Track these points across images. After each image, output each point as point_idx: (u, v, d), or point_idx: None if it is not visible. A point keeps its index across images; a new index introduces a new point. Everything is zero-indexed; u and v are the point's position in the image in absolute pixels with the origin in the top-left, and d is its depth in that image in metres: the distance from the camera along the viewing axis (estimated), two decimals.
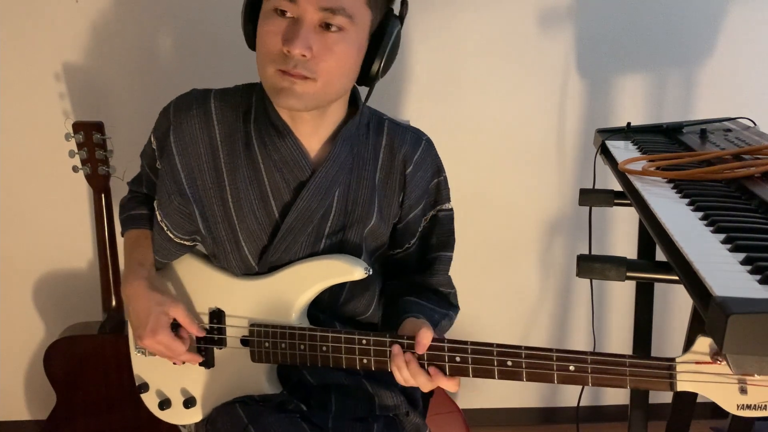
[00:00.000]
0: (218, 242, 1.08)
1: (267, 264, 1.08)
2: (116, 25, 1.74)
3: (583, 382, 0.90)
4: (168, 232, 1.10)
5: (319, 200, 1.05)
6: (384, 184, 1.10)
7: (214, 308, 1.10)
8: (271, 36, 0.94)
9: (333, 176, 1.05)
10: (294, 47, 0.91)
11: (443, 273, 1.17)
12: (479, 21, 1.79)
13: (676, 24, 1.83)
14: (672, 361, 0.86)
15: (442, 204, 1.15)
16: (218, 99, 1.08)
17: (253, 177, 1.05)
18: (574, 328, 2.08)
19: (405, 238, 1.15)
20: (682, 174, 1.05)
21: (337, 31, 0.93)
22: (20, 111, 1.78)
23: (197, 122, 1.06)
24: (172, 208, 1.08)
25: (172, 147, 1.07)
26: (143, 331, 1.05)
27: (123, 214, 1.21)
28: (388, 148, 1.10)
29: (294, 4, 0.91)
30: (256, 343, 1.06)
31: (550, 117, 1.88)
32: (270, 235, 1.07)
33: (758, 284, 0.68)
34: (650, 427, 1.48)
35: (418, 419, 1.14)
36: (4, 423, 2.02)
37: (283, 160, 1.04)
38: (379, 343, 0.99)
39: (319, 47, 0.93)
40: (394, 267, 1.19)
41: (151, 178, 1.16)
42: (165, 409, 1.16)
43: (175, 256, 1.14)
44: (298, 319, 1.06)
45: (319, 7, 0.91)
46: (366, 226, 1.09)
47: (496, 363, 0.94)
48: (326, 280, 1.05)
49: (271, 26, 0.94)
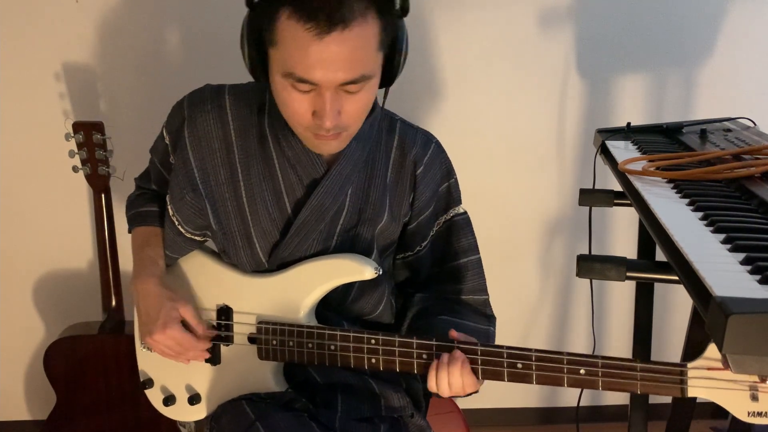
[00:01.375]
0: (229, 238, 1.09)
1: (277, 260, 1.08)
2: (116, 25, 1.74)
3: (593, 386, 0.90)
4: (179, 227, 1.10)
5: (332, 198, 1.05)
6: (395, 184, 1.10)
7: (222, 305, 1.10)
8: (297, 105, 0.92)
9: (346, 175, 1.05)
10: (325, 121, 0.91)
11: (476, 278, 1.15)
12: (479, 22, 1.79)
13: (676, 24, 1.83)
14: (684, 366, 0.86)
15: (454, 207, 1.15)
16: (233, 94, 1.07)
17: (267, 173, 1.06)
18: (574, 329, 2.08)
19: (416, 241, 1.15)
20: (682, 174, 1.05)
21: (359, 90, 0.92)
22: (20, 111, 1.78)
23: (212, 117, 1.06)
24: (184, 203, 1.08)
25: (186, 142, 1.07)
26: (154, 326, 1.05)
27: (130, 211, 1.21)
28: (399, 149, 1.10)
29: (316, 85, 0.90)
30: (264, 341, 1.07)
31: (550, 117, 1.88)
32: (282, 232, 1.07)
33: (758, 284, 0.68)
34: (650, 427, 1.48)
35: (422, 421, 1.14)
36: (4, 423, 2.02)
37: (297, 157, 1.04)
38: (388, 342, 0.99)
39: (347, 109, 0.93)
40: (407, 272, 1.18)
41: (162, 174, 1.16)
42: (169, 405, 1.16)
43: (185, 251, 1.14)
44: (307, 318, 1.06)
45: (342, 83, 0.89)
46: (377, 224, 1.09)
47: (506, 365, 0.94)
48: (335, 279, 1.05)
49: (295, 97, 0.92)
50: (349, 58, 0.88)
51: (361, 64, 0.90)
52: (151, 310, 1.06)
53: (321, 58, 0.86)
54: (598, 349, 1.81)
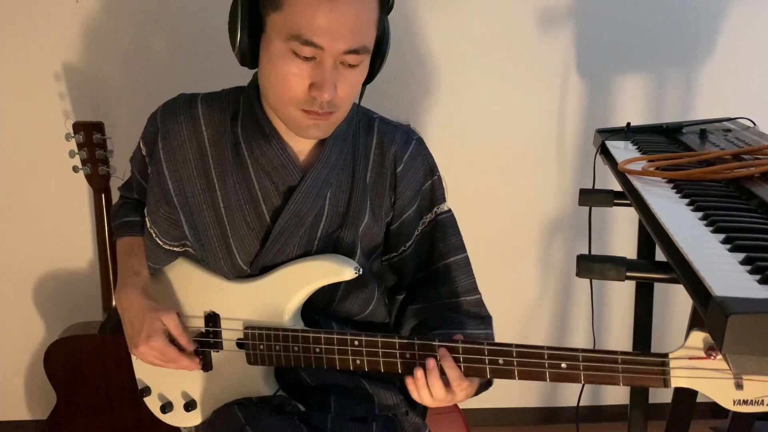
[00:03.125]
0: (207, 248, 1.08)
1: (259, 266, 1.07)
2: (116, 25, 1.74)
3: (576, 379, 0.90)
4: (157, 239, 1.10)
5: (310, 203, 1.04)
6: (375, 184, 1.09)
7: (209, 312, 1.10)
8: (293, 78, 0.92)
9: (324, 179, 1.04)
10: (324, 93, 0.91)
11: (464, 278, 1.13)
12: (479, 21, 1.79)
13: (676, 24, 1.83)
14: (665, 356, 0.85)
15: (438, 205, 1.13)
16: (205, 103, 1.07)
17: (243, 182, 1.05)
18: (574, 328, 2.08)
19: (400, 241, 1.12)
20: (681, 174, 1.05)
21: (356, 65, 0.93)
22: (20, 111, 1.78)
23: (185, 128, 1.05)
24: (159, 215, 1.08)
25: (160, 153, 1.06)
26: (138, 338, 1.04)
27: (115, 221, 1.21)
28: (378, 148, 1.09)
29: (320, 50, 0.90)
30: (251, 346, 1.06)
31: (550, 117, 1.88)
32: (262, 240, 1.06)
33: (758, 284, 0.68)
34: (650, 427, 1.48)
35: (417, 418, 1.14)
36: (4, 423, 2.02)
37: (271, 164, 1.03)
38: (371, 343, 0.99)
39: (342, 85, 0.93)
40: (392, 274, 1.16)
41: (142, 184, 1.16)
42: (167, 413, 1.16)
43: (166, 261, 1.13)
44: (291, 321, 1.06)
45: (345, 51, 0.90)
46: (359, 226, 1.08)
47: (488, 362, 0.94)
48: (316, 282, 1.05)
49: (292, 68, 0.91)
50: (355, 26, 0.89)
51: (364, 34, 0.91)
52: (135, 321, 1.06)
53: (329, 21, 0.87)
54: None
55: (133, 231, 1.17)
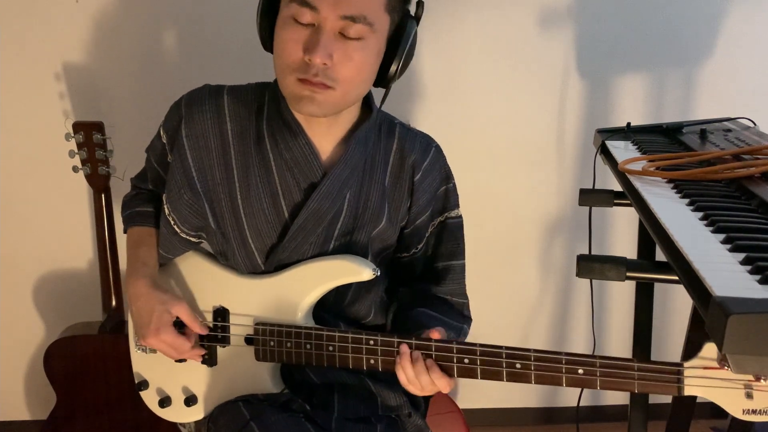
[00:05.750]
0: (227, 238, 1.08)
1: (274, 263, 1.08)
2: (116, 25, 1.74)
3: (592, 385, 0.91)
4: (175, 226, 1.10)
5: (330, 202, 1.04)
6: (393, 188, 1.10)
7: (219, 306, 1.10)
8: (291, 44, 0.93)
9: (345, 179, 1.05)
10: (315, 56, 0.91)
11: (455, 282, 1.16)
12: (479, 22, 1.79)
13: (676, 24, 1.83)
14: (680, 366, 0.87)
15: (450, 211, 1.15)
16: (231, 95, 1.07)
17: (264, 175, 1.05)
18: (574, 329, 2.08)
19: (412, 243, 1.15)
20: (681, 174, 1.05)
21: (356, 39, 0.93)
22: (20, 111, 1.78)
23: (209, 117, 1.06)
24: (181, 203, 1.08)
25: (183, 140, 1.06)
26: (146, 330, 1.05)
27: (126, 210, 1.20)
28: (398, 153, 1.10)
29: (314, 12, 0.91)
30: (261, 342, 1.06)
31: (550, 117, 1.88)
32: (279, 235, 1.06)
33: (758, 284, 0.68)
34: (650, 427, 1.48)
35: (420, 421, 1.14)
36: (4, 423, 2.02)
37: (295, 159, 1.04)
38: (387, 343, 0.99)
39: (339, 55, 0.93)
40: (401, 271, 1.19)
41: (159, 173, 1.16)
42: (165, 407, 1.16)
43: (179, 251, 1.13)
44: (304, 319, 1.06)
45: (339, 15, 0.91)
46: (375, 228, 1.09)
47: (505, 365, 0.94)
48: (334, 280, 1.05)
49: (291, 34, 0.93)
50: None
51: (366, 5, 0.91)
52: (143, 313, 1.06)
53: None
54: (598, 349, 1.81)
55: (145, 221, 1.17)
